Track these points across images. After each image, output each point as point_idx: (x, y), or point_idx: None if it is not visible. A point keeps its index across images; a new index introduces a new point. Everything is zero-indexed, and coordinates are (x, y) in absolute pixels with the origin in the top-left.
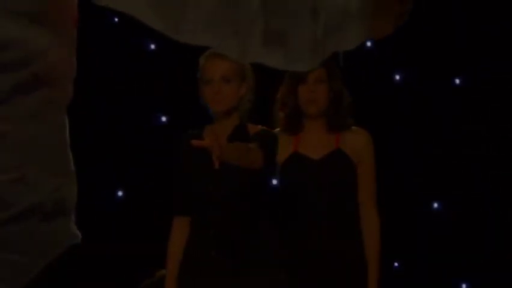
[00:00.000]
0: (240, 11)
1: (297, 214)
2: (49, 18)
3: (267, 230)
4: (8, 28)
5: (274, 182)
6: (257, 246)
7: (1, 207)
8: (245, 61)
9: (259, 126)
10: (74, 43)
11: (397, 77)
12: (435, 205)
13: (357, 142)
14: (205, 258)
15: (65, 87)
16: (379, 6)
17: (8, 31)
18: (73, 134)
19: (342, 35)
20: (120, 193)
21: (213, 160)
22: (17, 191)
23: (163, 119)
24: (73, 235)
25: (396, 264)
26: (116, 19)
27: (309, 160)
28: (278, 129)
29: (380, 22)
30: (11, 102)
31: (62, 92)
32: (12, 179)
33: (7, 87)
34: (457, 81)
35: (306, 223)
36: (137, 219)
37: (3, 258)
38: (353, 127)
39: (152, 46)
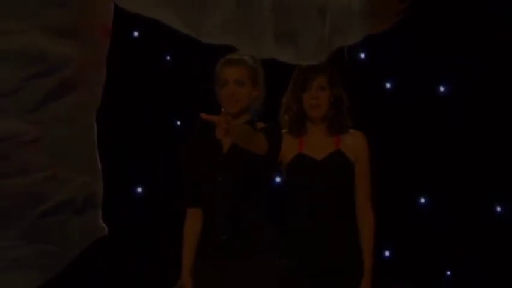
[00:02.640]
0: (253, 12)
1: (300, 209)
2: (79, 30)
3: (266, 220)
4: (40, 41)
5: (278, 179)
6: (260, 232)
7: (37, 202)
8: (260, 57)
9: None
10: (104, 52)
11: (388, 84)
12: (423, 200)
13: (355, 143)
14: (216, 242)
15: (94, 93)
16: (380, 5)
17: (40, 44)
18: (99, 133)
19: (346, 31)
20: (139, 189)
21: (221, 152)
22: (50, 187)
23: (178, 122)
24: (101, 228)
25: (387, 253)
26: (136, 33)
27: (312, 160)
28: (284, 130)
29: (380, 19)
30: (44, 108)
31: (91, 97)
32: (46, 177)
33: (40, 94)
34: (443, 87)
35: (308, 218)
36: (156, 215)
37: (40, 248)
38: (351, 130)
39: (168, 57)
